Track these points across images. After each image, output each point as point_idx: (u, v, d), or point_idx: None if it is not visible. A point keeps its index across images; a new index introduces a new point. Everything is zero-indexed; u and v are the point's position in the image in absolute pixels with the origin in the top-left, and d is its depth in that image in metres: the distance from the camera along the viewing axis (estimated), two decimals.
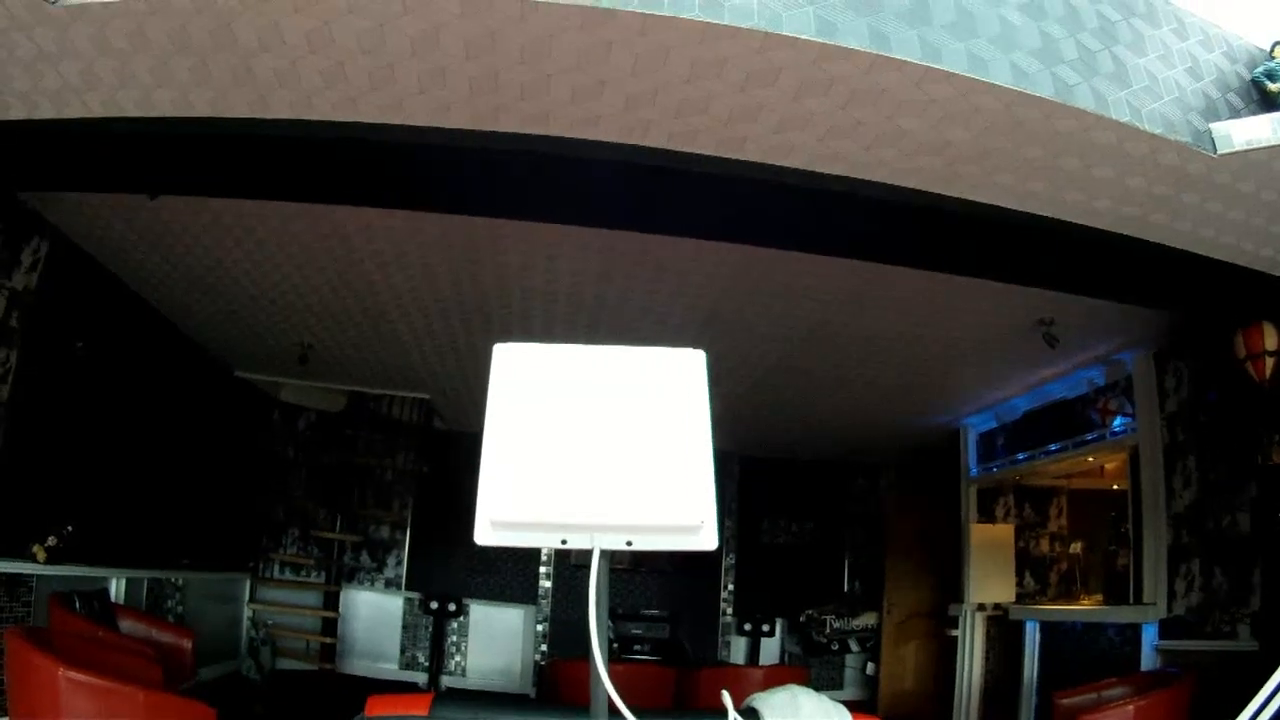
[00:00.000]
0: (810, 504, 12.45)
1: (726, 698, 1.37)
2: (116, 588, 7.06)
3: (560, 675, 8.21)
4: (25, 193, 5.62)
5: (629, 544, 1.21)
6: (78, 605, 5.98)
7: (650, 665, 9.93)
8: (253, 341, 8.43)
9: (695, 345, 1.31)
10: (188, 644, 6.86)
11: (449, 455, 11.02)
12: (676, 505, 1.19)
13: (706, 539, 1.21)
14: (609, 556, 1.23)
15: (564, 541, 1.22)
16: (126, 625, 6.51)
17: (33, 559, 5.89)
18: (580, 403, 1.25)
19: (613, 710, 1.26)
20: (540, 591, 11.33)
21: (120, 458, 7.30)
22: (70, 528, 6.19)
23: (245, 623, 10.12)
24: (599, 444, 1.23)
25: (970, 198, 4.39)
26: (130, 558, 7.28)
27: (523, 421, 1.23)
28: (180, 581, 8.36)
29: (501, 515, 1.21)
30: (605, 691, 1.24)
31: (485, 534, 1.23)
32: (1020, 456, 8.96)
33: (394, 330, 7.66)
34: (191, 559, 8.58)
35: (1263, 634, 4.99)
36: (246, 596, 10.21)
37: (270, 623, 10.16)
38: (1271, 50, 4.43)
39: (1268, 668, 4.50)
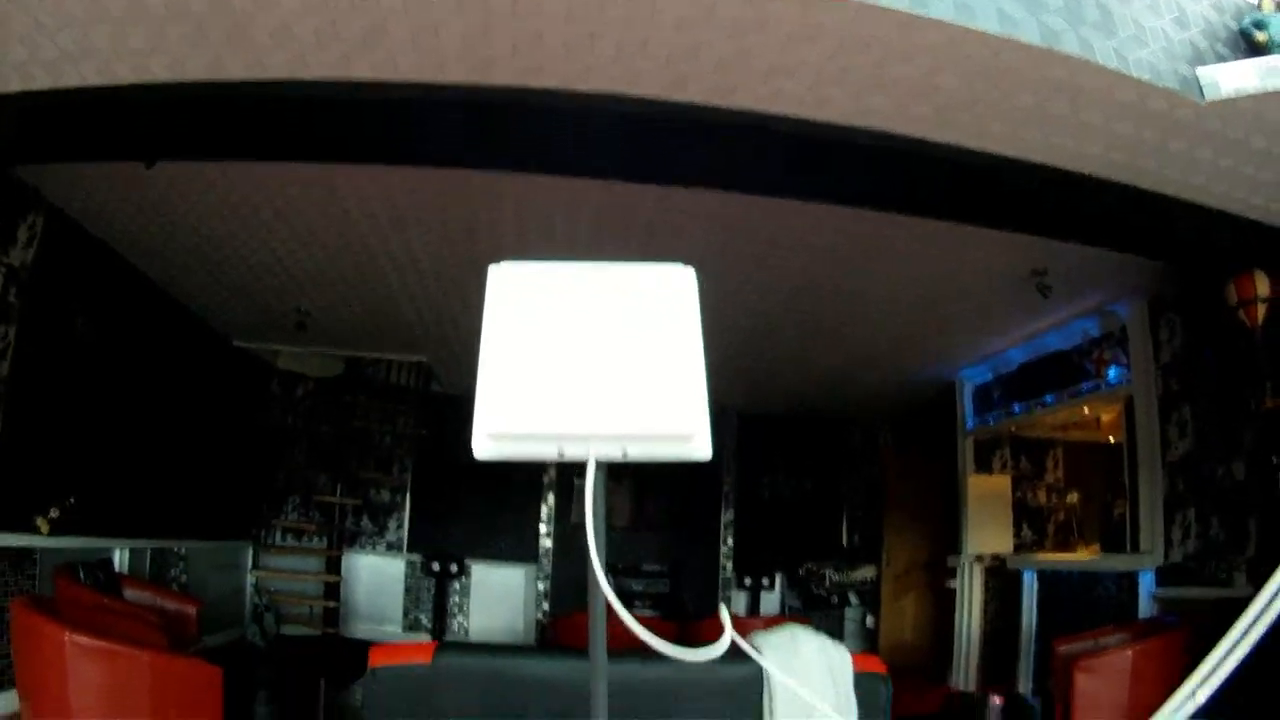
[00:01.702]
0: (808, 459, 12.47)
1: (724, 613, 1.39)
2: (120, 558, 7.12)
3: (562, 631, 8.28)
4: (21, 167, 5.62)
5: (624, 454, 1.24)
6: (82, 576, 6.00)
7: (651, 618, 10.03)
8: (250, 310, 8.43)
9: None
10: (192, 611, 6.94)
11: (447, 418, 11.07)
12: (670, 414, 1.22)
13: (700, 448, 1.24)
14: (604, 471, 1.25)
15: (560, 453, 1.24)
16: (131, 594, 6.56)
17: (36, 531, 5.93)
18: (575, 316, 1.28)
19: (611, 616, 1.29)
20: (541, 550, 11.41)
21: (121, 429, 7.33)
22: (72, 499, 6.24)
23: (249, 589, 10.22)
24: (594, 356, 1.25)
25: (962, 144, 4.38)
26: (133, 528, 7.33)
27: (518, 336, 1.26)
28: (183, 551, 8.42)
29: (498, 427, 1.23)
30: (603, 596, 1.27)
31: (483, 447, 1.25)
32: (1016, 408, 8.98)
33: (390, 293, 7.66)
34: (193, 528, 8.63)
35: (1259, 581, 5.03)
36: (249, 564, 10.31)
37: (273, 589, 10.25)
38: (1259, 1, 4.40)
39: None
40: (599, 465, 1.23)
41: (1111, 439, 8.78)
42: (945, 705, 6.87)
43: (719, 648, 1.30)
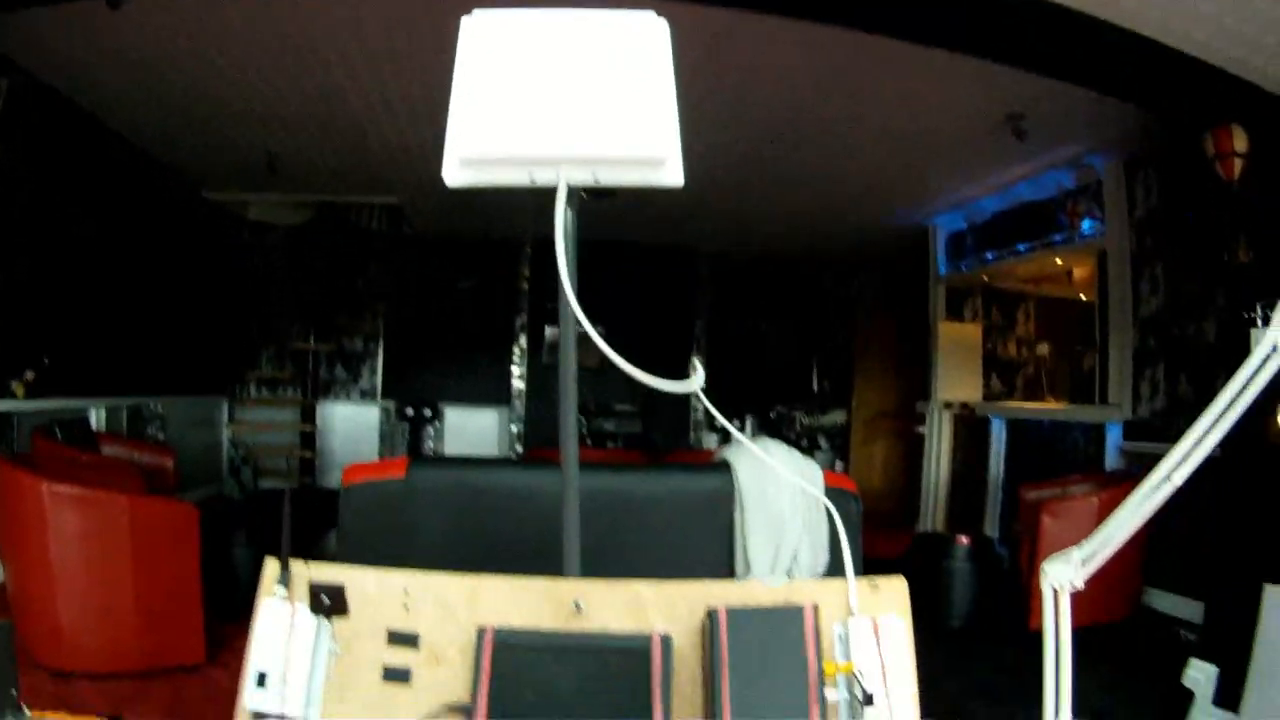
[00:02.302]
0: (780, 304, 12.55)
1: (696, 363, 1.38)
2: (97, 417, 7.15)
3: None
4: None
5: (595, 179, 1.24)
6: (60, 435, 6.07)
7: (622, 451, 10.22)
8: (220, 157, 8.22)
9: None
10: (169, 463, 7.02)
11: (420, 261, 11.10)
12: (641, 138, 1.23)
13: (672, 174, 1.24)
14: (576, 202, 1.26)
15: (531, 179, 1.25)
16: (109, 450, 6.62)
17: (12, 396, 5.94)
18: (548, 54, 1.27)
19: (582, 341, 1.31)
20: (513, 393, 11.53)
21: (94, 288, 7.26)
22: (47, 361, 6.24)
23: (225, 445, 10.29)
24: (566, 87, 1.26)
25: None
26: (108, 387, 7.35)
27: (491, 73, 1.25)
28: (159, 408, 8.44)
29: (470, 152, 1.24)
30: (573, 314, 1.26)
31: (453, 173, 1.26)
32: (989, 256, 9.01)
33: (360, 132, 7.49)
34: (168, 384, 8.63)
35: (1224, 440, 5.10)
36: (225, 419, 10.35)
37: (249, 442, 10.31)
38: None
39: (1230, 475, 4.62)
40: (569, 195, 1.22)
41: (1084, 296, 8.83)
42: (913, 546, 7.00)
43: (691, 384, 1.30)
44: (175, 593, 4.53)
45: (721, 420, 1.54)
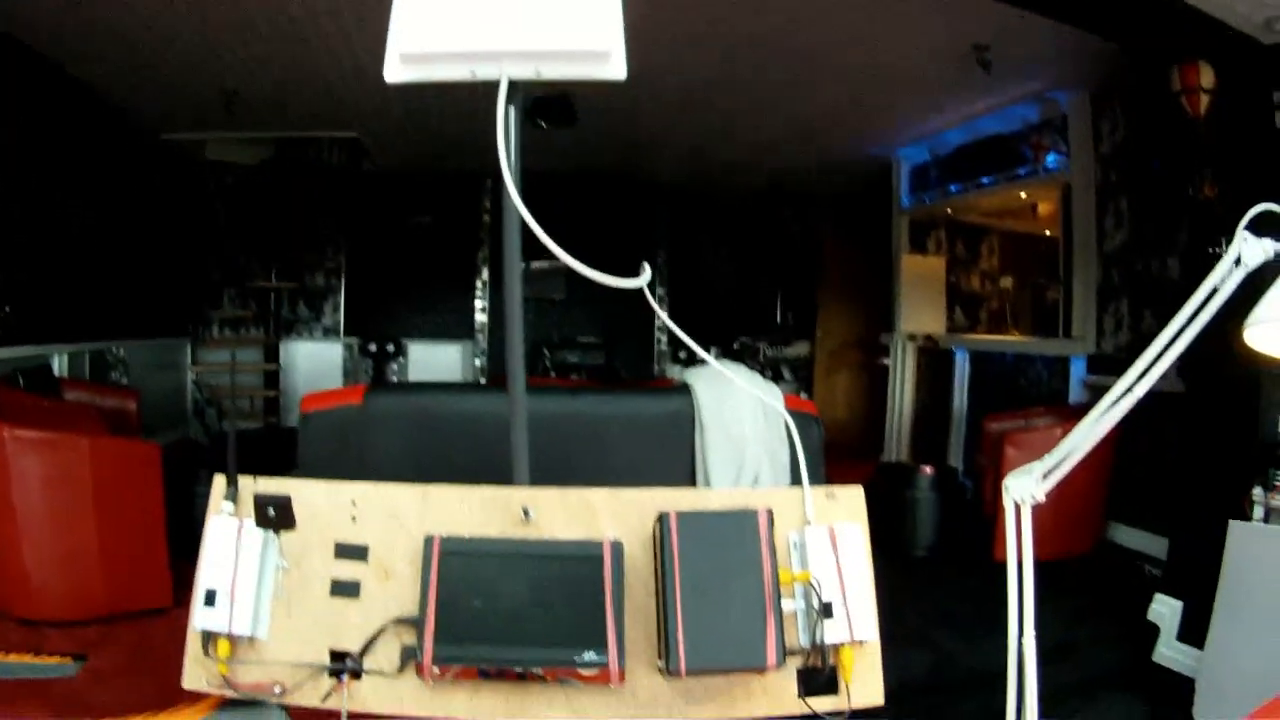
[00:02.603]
0: (744, 236, 12.49)
1: (645, 266, 1.35)
2: (59, 363, 7.08)
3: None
4: None
5: (538, 74, 1.21)
6: (22, 383, 6.00)
7: (585, 380, 10.25)
8: (177, 96, 8.02)
9: None
10: (132, 405, 6.95)
11: (381, 197, 10.99)
12: (585, 30, 1.20)
13: (615, 68, 1.21)
14: (520, 100, 1.22)
15: (473, 74, 1.21)
16: (72, 396, 6.57)
17: None
18: None
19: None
20: (476, 326, 11.48)
21: (53, 234, 7.13)
22: (7, 308, 6.18)
23: (189, 387, 10.21)
24: None
25: None
26: (70, 333, 7.26)
27: None
28: (122, 352, 8.34)
29: (410, 47, 1.21)
30: (518, 210, 1.23)
31: (394, 70, 1.25)
32: (953, 188, 8.98)
33: (317, 62, 7.33)
34: (130, 328, 8.54)
35: (1189, 377, 5.12)
36: (188, 361, 10.25)
37: (213, 383, 10.23)
38: None
39: (1193, 409, 4.64)
40: (510, 91, 1.19)
41: (1048, 233, 8.83)
42: (876, 475, 7.04)
43: (638, 281, 1.27)
44: (140, 535, 4.52)
45: (683, 336, 1.52)
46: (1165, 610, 4.31)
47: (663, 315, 1.58)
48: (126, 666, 3.90)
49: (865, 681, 1.52)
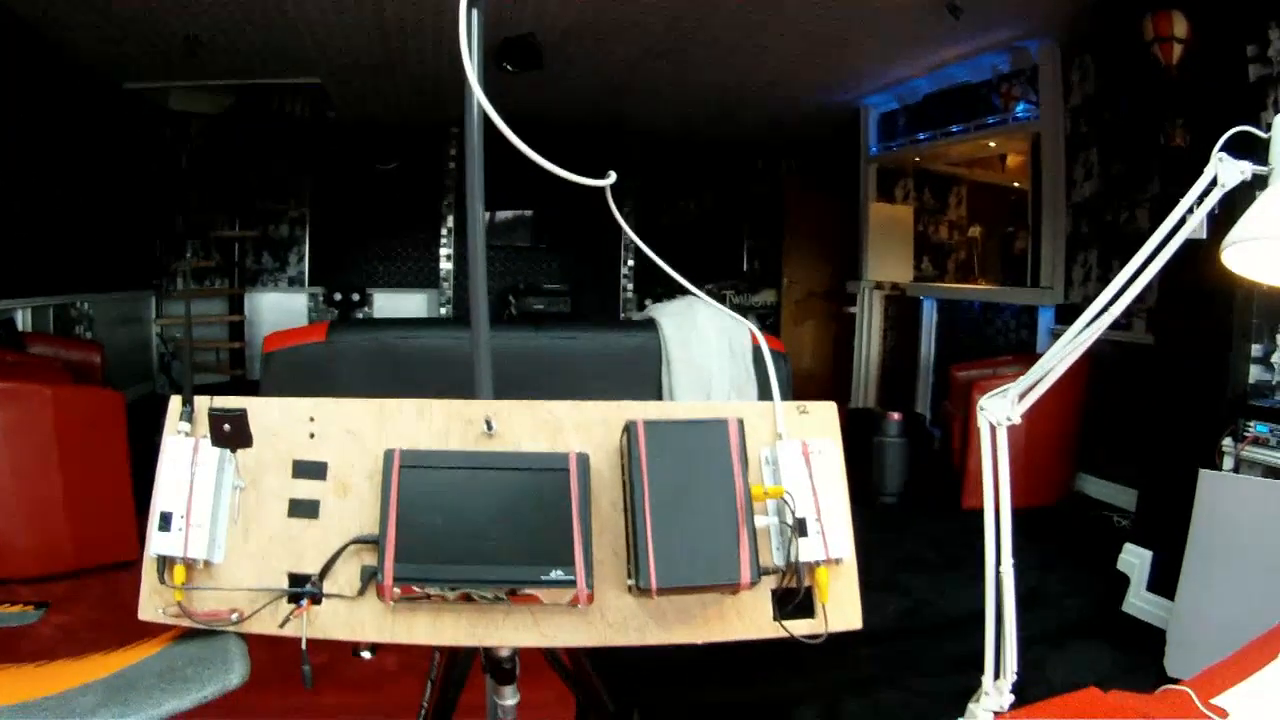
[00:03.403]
0: (710, 184, 12.46)
1: (610, 173, 1.31)
2: (23, 318, 7.02)
3: None
4: None
5: None
6: None
7: None
8: (138, 44, 7.85)
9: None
10: (96, 358, 6.91)
11: (344, 146, 10.87)
12: None
13: None
14: (484, 3, 1.17)
15: None
16: (36, 350, 6.49)
17: None
18: None
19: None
20: (441, 274, 11.47)
21: (14, 188, 7.01)
22: None
23: (154, 341, 10.14)
24: None
25: None
26: (33, 287, 7.20)
27: None
28: (87, 308, 8.29)
29: None
30: (480, 106, 1.18)
31: None
32: (921, 136, 8.96)
33: (281, 5, 7.19)
34: (95, 282, 8.47)
35: (1158, 329, 5.14)
36: (154, 314, 10.19)
37: (179, 336, 10.14)
38: None
39: (1161, 360, 4.64)
40: None
41: (1016, 184, 8.82)
42: (846, 420, 7.04)
43: (602, 181, 1.23)
44: (107, 487, 4.47)
45: (658, 260, 1.48)
46: (1135, 560, 4.33)
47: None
48: (95, 620, 3.85)
49: (842, 603, 1.48)
